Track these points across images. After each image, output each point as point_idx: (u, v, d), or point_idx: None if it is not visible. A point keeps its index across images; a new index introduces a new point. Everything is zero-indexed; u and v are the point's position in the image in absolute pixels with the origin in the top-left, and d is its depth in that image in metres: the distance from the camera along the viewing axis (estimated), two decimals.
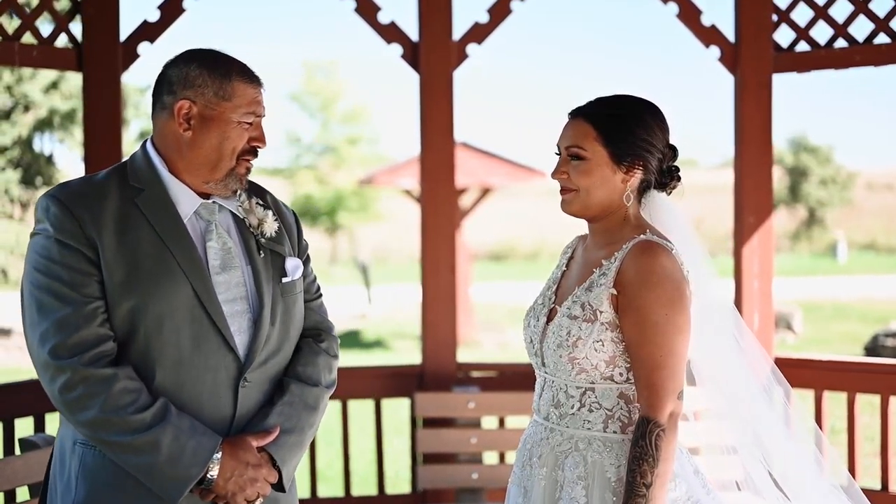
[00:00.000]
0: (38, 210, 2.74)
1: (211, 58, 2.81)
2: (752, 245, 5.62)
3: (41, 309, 2.65)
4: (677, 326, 2.82)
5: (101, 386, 2.62)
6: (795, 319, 18.32)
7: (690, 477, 2.96)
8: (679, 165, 3.06)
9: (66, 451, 2.78)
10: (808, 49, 5.56)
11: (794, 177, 39.78)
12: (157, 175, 2.79)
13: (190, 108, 2.76)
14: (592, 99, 3.03)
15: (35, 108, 21.27)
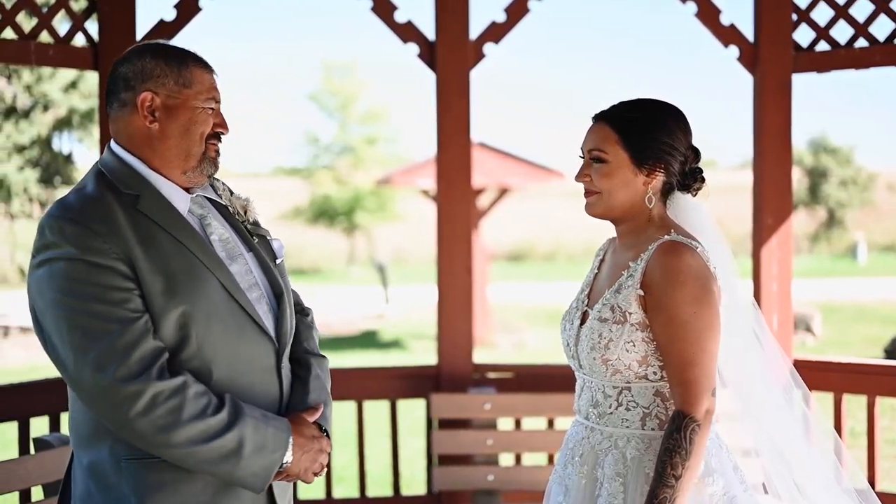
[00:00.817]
0: (49, 234, 2.60)
1: (163, 49, 2.78)
2: (771, 247, 5.58)
3: (88, 335, 2.54)
4: (706, 323, 2.85)
5: (178, 397, 2.57)
6: (815, 321, 18.24)
7: (729, 473, 2.99)
8: (702, 167, 3.08)
9: (106, 473, 2.67)
10: (828, 49, 5.51)
11: (813, 178, 39.63)
12: (142, 177, 2.73)
13: (153, 99, 2.72)
14: (616, 102, 3.07)
15: (54, 107, 21.31)
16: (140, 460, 2.64)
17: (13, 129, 20.90)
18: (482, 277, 17.33)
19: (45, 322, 2.61)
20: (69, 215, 2.61)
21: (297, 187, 36.00)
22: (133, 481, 2.64)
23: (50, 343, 2.61)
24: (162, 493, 2.64)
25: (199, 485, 2.67)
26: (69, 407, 2.76)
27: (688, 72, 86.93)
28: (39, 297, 2.61)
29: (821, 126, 63.03)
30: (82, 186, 2.72)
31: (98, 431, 2.66)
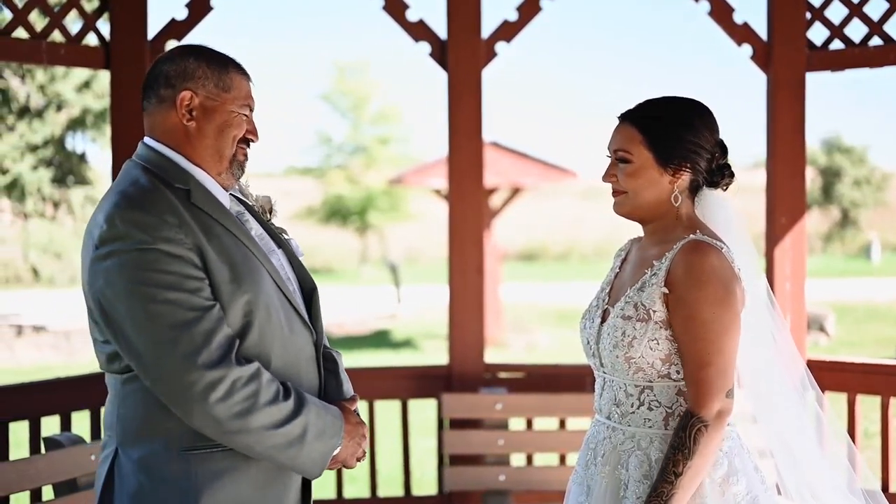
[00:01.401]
0: (120, 225, 2.59)
1: (207, 52, 2.85)
2: (785, 246, 5.55)
3: (167, 324, 2.56)
4: (725, 325, 2.85)
5: (255, 383, 2.61)
6: (828, 322, 18.19)
7: (751, 473, 2.98)
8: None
9: (161, 466, 2.67)
10: (842, 47, 5.49)
11: (827, 177, 39.52)
12: (187, 172, 2.77)
13: (192, 98, 2.77)
14: (641, 102, 3.07)
15: (68, 107, 21.37)
16: (197, 451, 2.66)
17: (27, 129, 20.96)
18: (494, 277, 17.32)
19: (117, 314, 2.60)
20: (139, 206, 2.63)
21: (310, 187, 36.02)
22: (190, 472, 2.66)
23: (121, 334, 2.60)
24: (219, 482, 2.68)
25: (252, 472, 2.72)
26: (111, 403, 2.75)
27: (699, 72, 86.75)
28: (108, 287, 2.60)
29: (835, 126, 62.98)
30: (133, 180, 2.72)
31: (151, 425, 2.67)
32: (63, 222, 22.42)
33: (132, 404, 2.69)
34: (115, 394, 2.74)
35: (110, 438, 2.75)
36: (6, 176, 20.75)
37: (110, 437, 2.75)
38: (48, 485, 4.04)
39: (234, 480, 2.69)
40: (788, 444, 3.12)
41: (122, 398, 2.71)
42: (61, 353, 16.70)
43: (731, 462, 2.93)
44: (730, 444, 2.96)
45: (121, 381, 2.70)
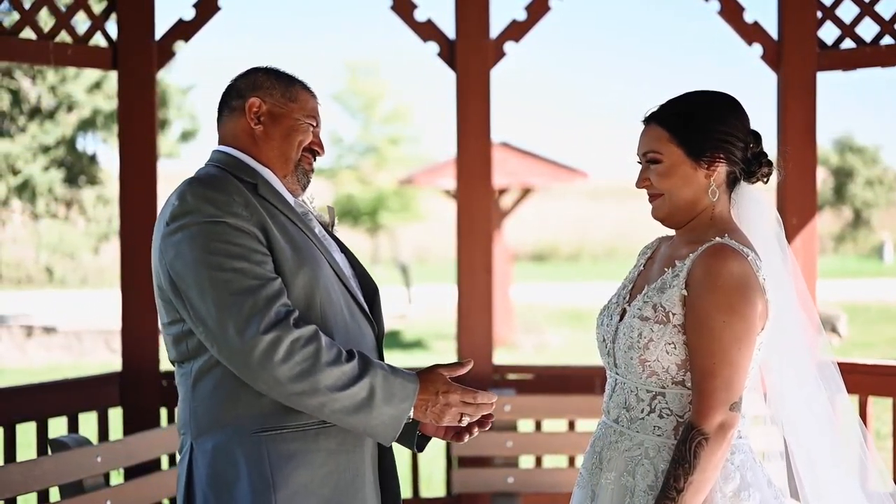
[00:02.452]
0: (191, 200, 2.74)
1: (275, 69, 3.04)
2: (796, 247, 5.51)
3: (231, 290, 2.67)
4: (736, 335, 2.74)
5: (314, 343, 2.68)
6: (840, 322, 18.12)
7: (764, 488, 2.88)
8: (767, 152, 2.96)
9: (233, 451, 2.75)
10: (853, 46, 5.45)
11: (839, 178, 39.43)
12: (255, 170, 2.90)
13: (260, 105, 2.93)
14: (663, 102, 2.99)
15: (78, 107, 21.40)
16: (267, 433, 2.75)
17: (38, 130, 21.00)
18: (505, 278, 17.29)
19: (184, 283, 2.71)
20: (209, 185, 2.78)
21: (321, 187, 36.04)
22: (261, 454, 2.74)
23: (189, 303, 2.71)
24: (291, 463, 2.75)
25: (323, 455, 2.79)
26: (184, 401, 2.84)
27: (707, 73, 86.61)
28: (178, 258, 2.72)
29: (847, 126, 62.80)
30: (205, 171, 2.89)
31: (221, 414, 2.76)
32: (75, 223, 22.45)
33: (202, 397, 2.78)
34: (186, 391, 2.83)
35: (185, 436, 2.85)
36: (18, 177, 20.78)
37: (185, 435, 2.85)
38: (54, 486, 4.04)
39: (306, 463, 2.77)
40: (806, 447, 3.04)
41: (194, 393, 2.80)
42: (72, 353, 16.72)
43: (743, 476, 2.83)
44: (742, 458, 2.86)
45: (191, 378, 2.80)
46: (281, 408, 2.73)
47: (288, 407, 2.72)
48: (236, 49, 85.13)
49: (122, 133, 5.37)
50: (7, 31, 5.03)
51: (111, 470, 4.34)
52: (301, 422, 2.76)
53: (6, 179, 20.92)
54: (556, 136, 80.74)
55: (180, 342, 2.80)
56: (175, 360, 2.85)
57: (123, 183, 5.36)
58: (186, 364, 2.81)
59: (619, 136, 16.41)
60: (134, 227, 5.38)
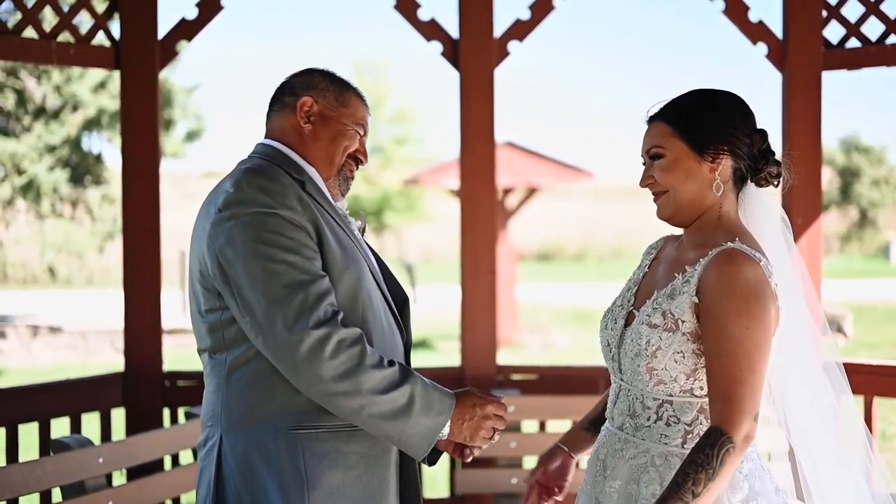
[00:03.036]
0: (247, 189, 2.73)
1: (332, 73, 3.04)
2: (801, 246, 5.48)
3: (283, 283, 2.66)
4: (757, 341, 2.67)
5: (359, 344, 2.68)
6: (846, 322, 18.07)
7: (772, 496, 2.83)
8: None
9: (267, 447, 2.74)
10: (858, 45, 5.42)
11: (845, 178, 39.36)
12: (302, 167, 2.91)
13: (312, 105, 2.94)
14: (662, 101, 2.94)
15: (83, 107, 21.40)
16: (302, 430, 2.74)
17: (43, 130, 21.02)
18: (510, 278, 17.27)
19: (234, 271, 2.70)
20: (266, 176, 2.77)
21: None
22: (296, 452, 2.74)
23: (238, 292, 2.70)
24: (324, 462, 2.75)
25: (355, 457, 2.79)
26: (215, 393, 2.82)
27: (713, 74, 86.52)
28: (229, 245, 2.71)
29: (853, 125, 62.68)
30: (250, 163, 2.86)
31: (257, 409, 2.75)
32: (80, 222, 22.46)
33: (238, 391, 2.77)
34: (219, 382, 2.80)
35: (213, 428, 2.82)
36: (23, 177, 20.80)
37: (213, 427, 2.82)
38: (56, 487, 4.03)
39: (339, 464, 2.76)
40: (811, 448, 3.01)
41: (227, 385, 2.78)
42: (78, 353, 16.73)
43: (751, 485, 2.78)
44: (750, 466, 2.80)
45: (225, 369, 2.78)
46: (316, 406, 2.72)
47: (321, 406, 2.71)
48: (241, 49, 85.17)
49: (125, 133, 5.36)
50: (9, 30, 5.03)
51: (113, 471, 4.33)
52: (335, 422, 2.75)
53: (11, 179, 20.94)
54: (562, 135, 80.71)
55: (217, 331, 2.78)
56: (207, 350, 2.83)
57: (126, 183, 5.35)
58: (220, 354, 2.79)
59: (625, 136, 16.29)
60: (137, 226, 5.37)
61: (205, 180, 40.05)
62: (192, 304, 2.87)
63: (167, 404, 5.42)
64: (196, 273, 2.81)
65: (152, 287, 5.39)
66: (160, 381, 5.39)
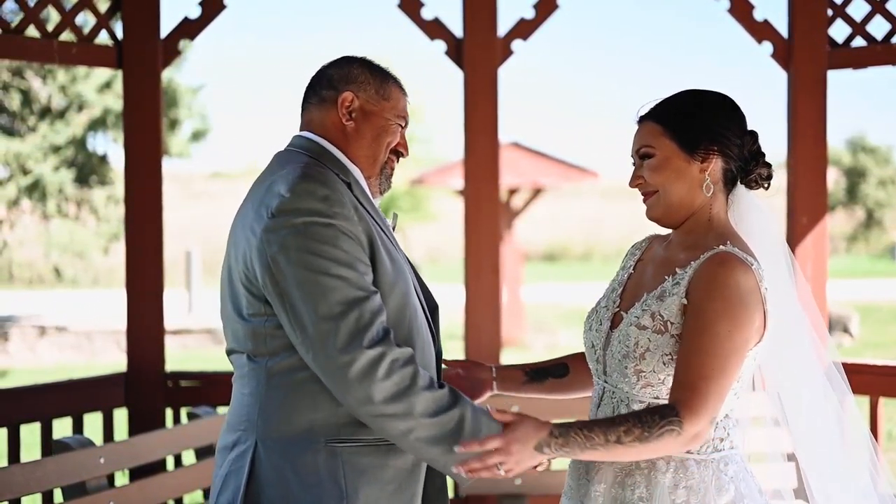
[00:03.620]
0: (303, 195, 2.62)
1: (370, 62, 2.93)
2: (806, 246, 5.46)
3: (339, 299, 2.57)
4: (735, 347, 2.65)
5: (412, 365, 2.62)
6: (852, 322, 18.03)
7: (757, 498, 2.81)
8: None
9: (304, 457, 2.66)
10: (864, 44, 5.40)
11: (851, 178, 39.27)
12: (347, 167, 2.81)
13: (353, 100, 2.84)
14: (652, 101, 2.93)
15: (89, 107, 21.40)
16: (343, 444, 2.66)
17: (48, 130, 21.02)
18: (516, 278, 17.26)
19: (287, 282, 2.59)
20: (322, 182, 2.66)
21: None
22: (337, 465, 2.66)
23: (289, 304, 2.59)
24: (364, 477, 2.67)
25: (391, 472, 2.71)
26: (251, 396, 2.71)
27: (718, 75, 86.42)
28: (282, 254, 2.59)
29: (859, 126, 62.59)
30: (301, 164, 2.73)
31: (296, 416, 2.66)
32: (85, 223, 22.46)
33: (278, 397, 2.67)
34: (257, 387, 2.70)
35: (245, 433, 2.71)
36: (28, 177, 20.81)
37: (245, 432, 2.71)
38: (57, 488, 4.01)
39: (377, 479, 2.69)
40: (814, 449, 2.99)
41: (266, 390, 2.68)
42: (83, 353, 16.74)
43: (737, 488, 2.76)
44: (735, 469, 2.78)
45: (264, 374, 2.68)
46: (355, 419, 2.64)
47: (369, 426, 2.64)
48: (245, 49, 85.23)
49: (128, 132, 5.35)
50: (12, 29, 5.01)
51: (115, 471, 4.31)
52: (374, 436, 2.66)
53: (17, 179, 20.94)
54: (567, 136, 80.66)
55: (260, 336, 2.68)
56: (245, 352, 2.72)
57: (129, 182, 5.34)
58: (261, 358, 2.69)
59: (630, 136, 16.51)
60: (140, 226, 5.36)
61: (211, 180, 40.10)
62: (227, 305, 2.77)
63: (170, 404, 5.41)
64: (239, 275, 2.70)
65: (155, 287, 5.37)
66: (163, 382, 5.38)
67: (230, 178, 40.55)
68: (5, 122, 21.55)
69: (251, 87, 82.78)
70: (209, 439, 4.67)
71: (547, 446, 2.56)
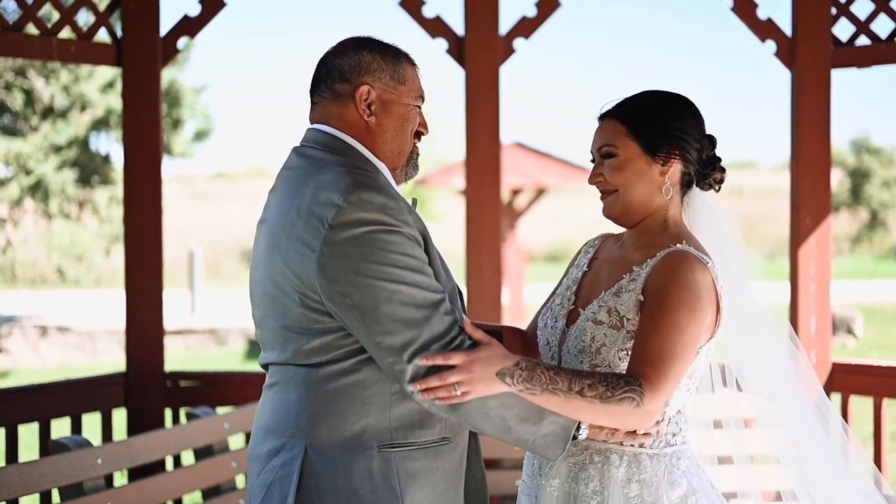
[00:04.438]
0: (361, 204, 2.53)
1: (379, 44, 2.80)
2: (809, 247, 5.43)
3: (419, 305, 2.53)
4: (693, 337, 2.67)
5: None
6: (857, 323, 17.98)
7: (710, 492, 2.84)
8: (725, 165, 2.92)
9: (356, 461, 2.60)
10: (868, 43, 5.37)
11: (855, 179, 39.20)
12: (375, 166, 2.74)
13: (369, 92, 2.73)
14: (619, 100, 2.93)
15: (91, 107, 21.37)
16: (395, 449, 2.62)
17: (51, 130, 20.98)
18: (519, 278, 17.22)
19: (360, 294, 2.51)
20: (377, 188, 2.58)
21: None
22: (391, 470, 2.62)
23: (366, 316, 2.52)
24: (416, 481, 2.64)
25: (440, 474, 2.67)
26: (299, 402, 2.64)
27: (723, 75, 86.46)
28: (352, 267, 2.51)
29: (863, 126, 62.47)
30: (342, 168, 2.64)
31: (347, 423, 2.60)
32: (87, 223, 22.43)
33: (328, 402, 2.61)
34: (306, 393, 2.63)
35: (293, 439, 2.64)
36: (30, 177, 20.78)
37: (293, 438, 2.64)
38: (54, 488, 3.98)
39: (428, 482, 2.65)
40: (803, 456, 2.98)
41: (316, 396, 2.61)
42: (86, 353, 16.73)
43: (689, 482, 2.78)
44: (687, 463, 2.80)
45: (316, 379, 2.61)
46: (407, 422, 2.62)
47: (413, 422, 2.62)
48: (247, 48, 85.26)
49: (127, 130, 5.32)
50: (11, 26, 4.98)
51: (113, 472, 4.28)
52: (425, 438, 2.64)
53: (19, 179, 20.92)
54: (570, 136, 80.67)
55: (313, 348, 2.60)
56: (291, 363, 2.65)
57: (128, 180, 5.32)
58: (310, 367, 2.61)
59: None
60: (139, 225, 5.33)
61: (214, 181, 40.08)
62: (269, 318, 2.68)
63: (169, 405, 5.38)
64: (290, 288, 2.60)
65: (154, 286, 5.34)
66: (162, 382, 5.35)
67: (233, 179, 40.55)
68: (8, 122, 21.53)
69: (254, 88, 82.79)
70: (208, 440, 4.64)
71: (510, 376, 2.54)
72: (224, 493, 4.62)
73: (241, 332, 17.35)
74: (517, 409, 2.58)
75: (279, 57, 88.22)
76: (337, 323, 2.57)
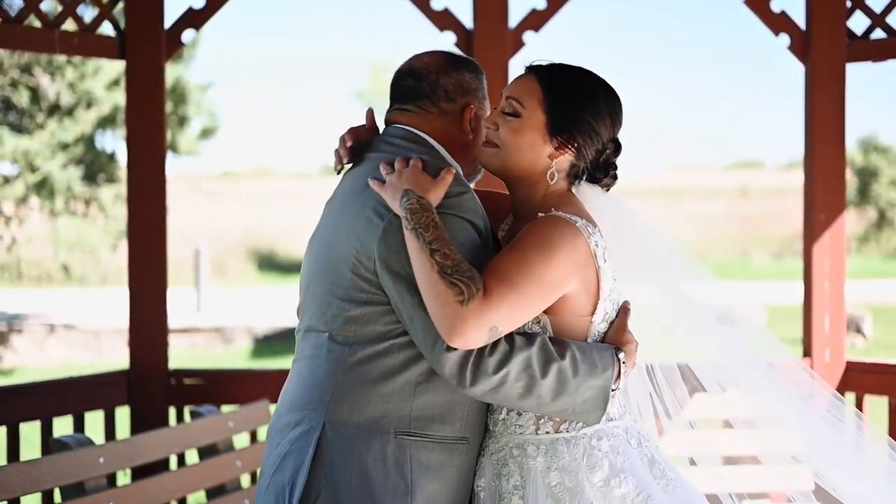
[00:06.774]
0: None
1: (468, 62, 2.95)
2: (824, 243, 5.35)
3: None
4: (541, 280, 2.57)
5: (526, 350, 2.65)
6: (865, 323, 17.94)
7: (641, 471, 2.73)
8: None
9: (377, 445, 2.65)
10: (883, 36, 5.29)
11: (863, 178, 39.14)
12: (466, 184, 2.79)
13: (473, 111, 2.87)
14: (557, 62, 2.84)
15: (97, 104, 21.33)
16: (412, 437, 2.67)
17: (57, 127, 20.96)
18: None
19: (410, 263, 2.58)
20: (455, 176, 2.70)
21: None
22: (405, 458, 2.67)
23: (410, 281, 2.58)
24: (428, 474, 2.68)
25: (454, 471, 2.71)
26: (327, 377, 2.69)
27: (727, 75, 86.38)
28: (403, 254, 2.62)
29: (871, 125, 62.34)
30: (418, 151, 2.79)
31: (370, 405, 2.66)
32: (93, 221, 22.40)
33: (355, 382, 2.67)
34: (332, 368, 2.69)
35: (314, 412, 2.70)
36: (36, 174, 20.75)
37: (314, 411, 2.70)
38: (55, 487, 3.92)
39: (441, 476, 2.69)
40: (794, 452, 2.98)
41: (344, 374, 2.68)
42: (91, 351, 16.71)
43: (612, 463, 2.69)
44: (610, 444, 2.71)
45: (346, 357, 2.68)
46: (427, 414, 2.67)
47: (434, 415, 2.67)
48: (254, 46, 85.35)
49: (130, 125, 5.25)
50: (12, 18, 4.92)
51: (115, 471, 4.22)
52: (442, 433, 2.69)
53: (24, 177, 20.89)
54: None
55: (355, 319, 2.67)
56: (328, 331, 2.71)
57: (131, 176, 5.26)
58: (345, 343, 2.68)
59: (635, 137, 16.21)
60: (142, 221, 5.27)
61: (220, 180, 40.08)
62: (320, 283, 2.76)
63: (172, 403, 5.31)
64: (342, 249, 2.69)
65: (158, 284, 5.28)
66: (165, 380, 5.29)
67: (239, 179, 40.53)
68: (14, 120, 21.52)
69: (260, 87, 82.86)
70: (212, 438, 4.59)
71: (407, 198, 2.57)
72: (228, 493, 4.56)
73: (246, 330, 17.32)
74: (555, 380, 2.61)
75: (284, 55, 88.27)
76: (380, 297, 2.64)
